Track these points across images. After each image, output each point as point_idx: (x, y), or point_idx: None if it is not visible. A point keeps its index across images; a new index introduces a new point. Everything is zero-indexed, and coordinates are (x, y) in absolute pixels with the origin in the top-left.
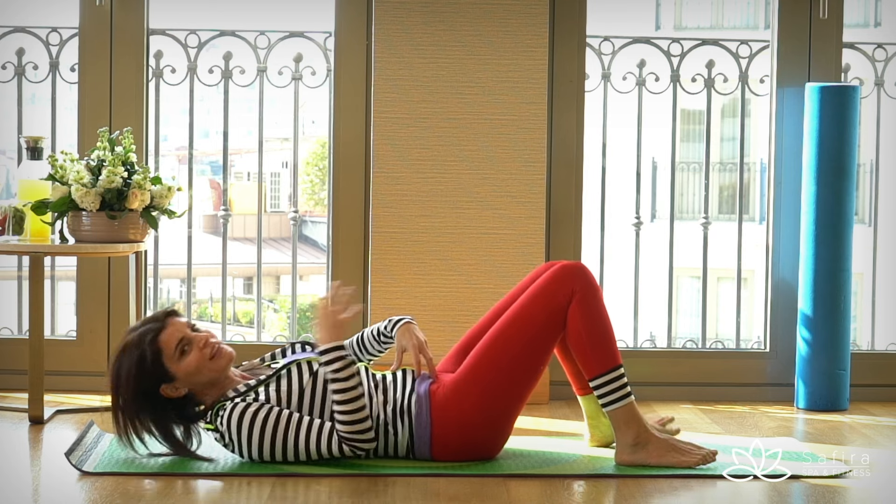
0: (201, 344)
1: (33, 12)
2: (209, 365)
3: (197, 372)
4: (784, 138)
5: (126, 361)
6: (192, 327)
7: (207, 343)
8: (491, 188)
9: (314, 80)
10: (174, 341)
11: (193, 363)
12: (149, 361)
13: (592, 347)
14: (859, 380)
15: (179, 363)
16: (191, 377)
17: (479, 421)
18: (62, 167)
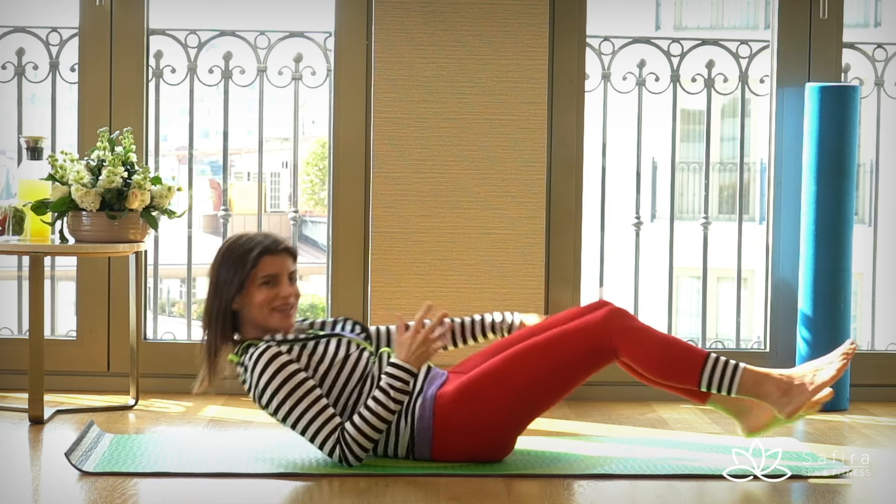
0: (282, 293)
1: (33, 12)
2: (269, 313)
3: (257, 307)
4: (784, 138)
5: (233, 250)
6: (293, 276)
7: (286, 298)
8: (491, 188)
9: (314, 80)
10: (269, 269)
11: (261, 299)
12: (244, 265)
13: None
14: (859, 380)
15: (255, 289)
16: (250, 306)
17: (482, 429)
18: (62, 167)
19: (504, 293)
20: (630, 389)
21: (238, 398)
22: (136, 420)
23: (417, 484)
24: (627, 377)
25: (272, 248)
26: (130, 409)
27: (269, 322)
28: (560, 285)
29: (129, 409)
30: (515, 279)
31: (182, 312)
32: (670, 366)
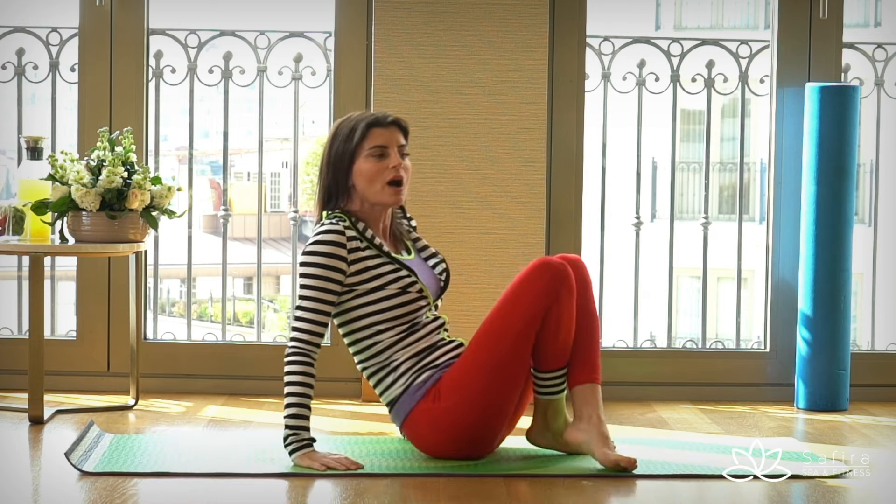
0: (392, 164)
1: (33, 12)
2: (381, 188)
3: (367, 181)
4: (784, 138)
5: (346, 123)
6: (403, 150)
7: (397, 171)
8: (491, 188)
9: (314, 80)
10: (378, 140)
11: (371, 170)
12: (355, 135)
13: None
14: (859, 380)
15: (365, 160)
16: (361, 180)
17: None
18: (62, 167)
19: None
20: (630, 389)
21: (238, 398)
22: (136, 420)
23: (417, 484)
24: (627, 377)
25: (381, 120)
26: (130, 409)
27: (380, 198)
28: None
29: (129, 409)
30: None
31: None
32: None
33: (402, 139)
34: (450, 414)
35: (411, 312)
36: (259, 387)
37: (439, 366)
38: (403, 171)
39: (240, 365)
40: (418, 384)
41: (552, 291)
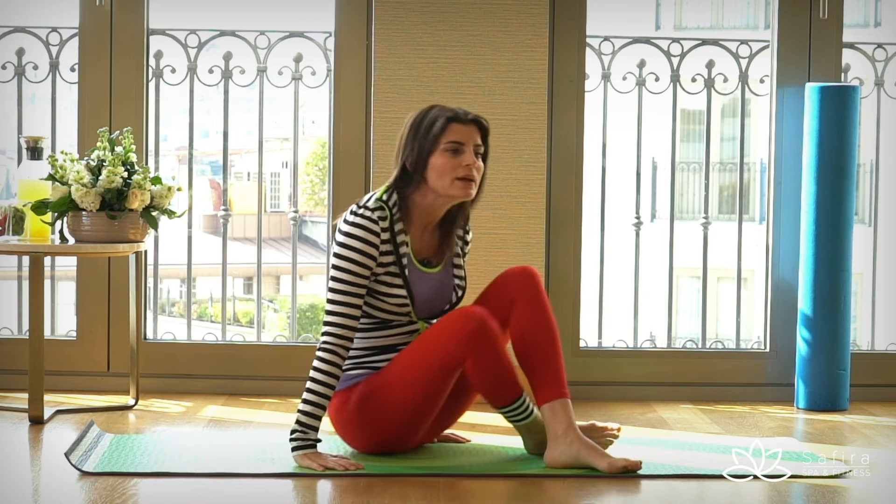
0: (466, 162)
1: (33, 12)
2: (451, 182)
3: (438, 175)
4: (784, 138)
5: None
6: (479, 150)
7: (469, 169)
8: (491, 188)
9: (314, 80)
10: (455, 136)
11: (444, 166)
12: (434, 128)
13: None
14: (859, 380)
15: (440, 154)
16: (433, 173)
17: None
18: (62, 167)
19: None
20: (630, 389)
21: (238, 398)
22: (136, 420)
23: (417, 484)
24: (627, 377)
25: (461, 117)
26: (130, 409)
27: (448, 191)
28: (560, 285)
29: (129, 409)
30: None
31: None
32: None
33: (479, 139)
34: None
35: (391, 320)
36: (259, 387)
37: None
38: (476, 171)
39: (240, 365)
40: (350, 375)
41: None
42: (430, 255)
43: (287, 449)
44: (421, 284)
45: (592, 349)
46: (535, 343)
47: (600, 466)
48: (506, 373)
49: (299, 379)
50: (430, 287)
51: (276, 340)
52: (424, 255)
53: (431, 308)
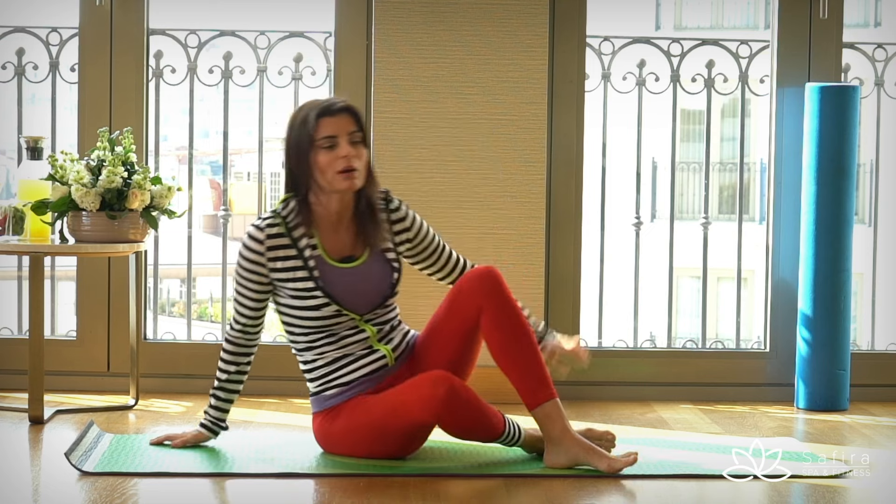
0: (342, 154)
1: (33, 12)
2: (332, 177)
3: (321, 172)
4: (784, 138)
5: (300, 113)
6: (354, 137)
7: (347, 160)
8: (491, 188)
9: (314, 80)
10: (327, 131)
11: (323, 162)
12: (306, 127)
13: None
14: (859, 380)
15: (318, 152)
16: (317, 171)
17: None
18: (62, 167)
19: None
20: (630, 389)
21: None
22: (136, 420)
23: (417, 484)
24: (627, 377)
25: (329, 109)
26: (130, 409)
27: (334, 185)
28: (560, 285)
29: (129, 409)
30: (515, 279)
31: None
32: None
33: (352, 126)
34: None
35: (326, 326)
36: (259, 387)
37: (349, 384)
38: (356, 160)
39: None
40: (325, 397)
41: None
42: (352, 251)
43: (287, 449)
44: (338, 281)
45: (592, 349)
46: (512, 348)
47: (601, 467)
48: (482, 419)
49: (299, 379)
50: (352, 281)
51: (276, 340)
52: (344, 252)
53: (366, 301)
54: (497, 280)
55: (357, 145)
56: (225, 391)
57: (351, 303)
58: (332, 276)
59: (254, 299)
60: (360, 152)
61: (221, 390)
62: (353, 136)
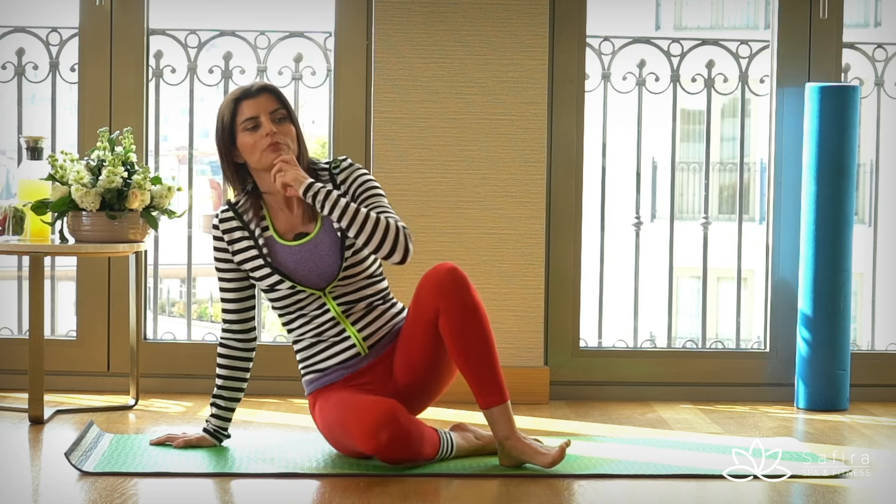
0: (265, 132)
1: (33, 12)
2: (259, 156)
3: (249, 154)
4: (784, 138)
5: (223, 103)
6: (277, 114)
7: (270, 137)
8: (491, 188)
9: (314, 80)
10: (247, 113)
11: (248, 145)
12: (226, 113)
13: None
14: (859, 380)
15: (242, 136)
16: (244, 153)
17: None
18: (62, 167)
19: (504, 293)
20: (630, 389)
21: None
22: (136, 420)
23: (417, 484)
24: (627, 377)
25: (247, 92)
26: (130, 409)
27: (263, 164)
28: (560, 285)
29: (129, 409)
30: (515, 279)
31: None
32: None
33: (272, 104)
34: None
35: (292, 304)
36: (259, 387)
37: (324, 371)
38: (281, 136)
39: None
40: (307, 381)
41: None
42: (304, 227)
43: (287, 449)
44: (288, 258)
45: (592, 349)
46: (467, 350)
47: (543, 464)
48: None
49: (299, 379)
50: (302, 257)
51: (276, 340)
52: (296, 229)
53: (318, 274)
54: (454, 280)
55: (282, 122)
56: (224, 399)
57: (304, 278)
58: (283, 254)
59: (233, 290)
60: (284, 128)
61: (221, 398)
62: (275, 115)
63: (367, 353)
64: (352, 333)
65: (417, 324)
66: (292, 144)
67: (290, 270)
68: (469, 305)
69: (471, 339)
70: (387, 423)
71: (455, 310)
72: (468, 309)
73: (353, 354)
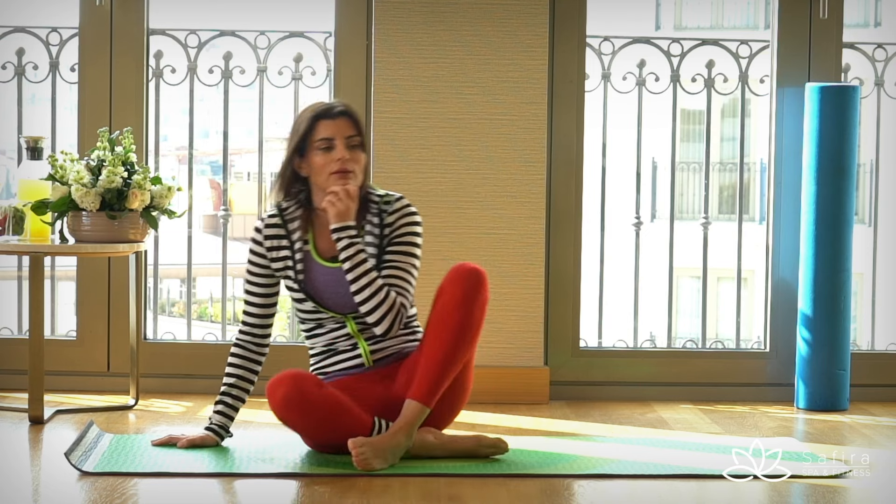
0: (337, 157)
1: (33, 12)
2: (325, 178)
3: (316, 173)
4: (784, 138)
5: (297, 116)
6: (352, 141)
7: (342, 163)
8: (491, 188)
9: (314, 80)
10: (323, 133)
11: (318, 164)
12: (301, 129)
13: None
14: (859, 380)
15: (314, 154)
16: (312, 172)
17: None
18: (62, 167)
19: (504, 293)
20: (630, 389)
21: None
22: (136, 420)
23: (417, 484)
24: (627, 377)
25: (328, 112)
26: (130, 409)
27: (327, 187)
28: (560, 285)
29: (129, 409)
30: (515, 279)
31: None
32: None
33: (350, 130)
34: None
35: (311, 319)
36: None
37: (328, 375)
38: (353, 164)
39: None
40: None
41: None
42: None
43: (287, 449)
44: (319, 278)
45: (592, 349)
46: (430, 338)
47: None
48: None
49: None
50: (332, 281)
51: (276, 340)
52: (336, 251)
53: (345, 303)
54: (473, 274)
55: (354, 150)
56: (231, 397)
57: (329, 300)
58: (315, 272)
59: (260, 295)
60: (356, 156)
61: (228, 395)
62: (350, 141)
63: (371, 365)
64: (362, 348)
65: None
66: (360, 174)
67: (319, 290)
68: (468, 298)
69: (440, 330)
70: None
71: (455, 295)
72: (465, 300)
73: (357, 364)
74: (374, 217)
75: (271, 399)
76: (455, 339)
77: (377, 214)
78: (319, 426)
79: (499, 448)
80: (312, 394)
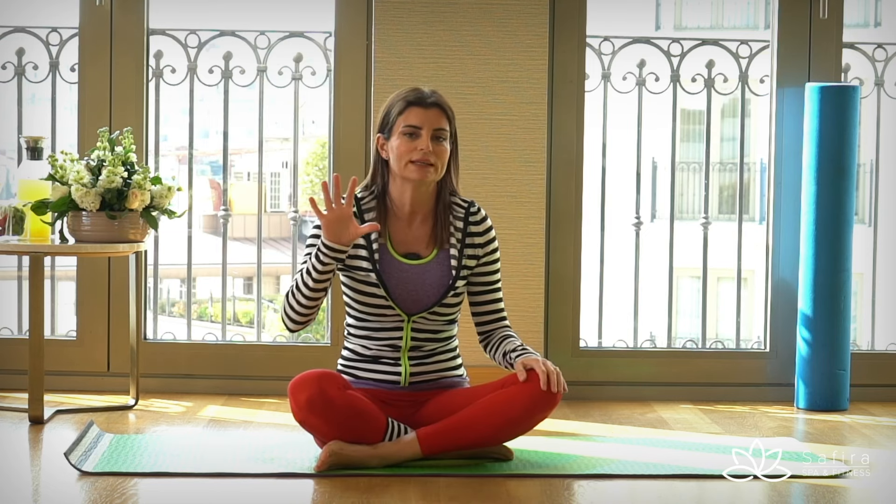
0: (420, 146)
1: (33, 12)
2: (405, 165)
3: (396, 157)
4: (784, 138)
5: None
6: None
7: (423, 153)
8: (491, 188)
9: (314, 80)
10: (412, 120)
11: (400, 148)
12: (394, 108)
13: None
14: (859, 380)
15: (398, 137)
16: (392, 152)
17: None
18: (62, 167)
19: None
20: (630, 389)
21: (238, 398)
22: (136, 420)
23: (417, 484)
24: (627, 377)
25: (420, 101)
26: (130, 409)
27: (404, 173)
28: (560, 285)
29: (129, 409)
30: (515, 279)
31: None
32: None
33: (439, 122)
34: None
35: (372, 315)
36: (259, 387)
37: (358, 378)
38: (434, 157)
39: (240, 365)
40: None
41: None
42: (419, 249)
43: (287, 449)
44: (395, 273)
45: (592, 349)
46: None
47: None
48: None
49: None
50: (408, 277)
51: (276, 340)
52: (411, 248)
53: (415, 301)
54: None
55: (440, 142)
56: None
57: (400, 297)
58: (391, 266)
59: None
60: (440, 148)
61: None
62: (437, 133)
63: (405, 385)
64: (404, 364)
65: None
66: (441, 168)
67: (392, 284)
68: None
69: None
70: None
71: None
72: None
73: (392, 381)
74: (457, 221)
75: (294, 400)
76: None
77: (461, 219)
78: (338, 427)
79: (504, 456)
80: (337, 397)
